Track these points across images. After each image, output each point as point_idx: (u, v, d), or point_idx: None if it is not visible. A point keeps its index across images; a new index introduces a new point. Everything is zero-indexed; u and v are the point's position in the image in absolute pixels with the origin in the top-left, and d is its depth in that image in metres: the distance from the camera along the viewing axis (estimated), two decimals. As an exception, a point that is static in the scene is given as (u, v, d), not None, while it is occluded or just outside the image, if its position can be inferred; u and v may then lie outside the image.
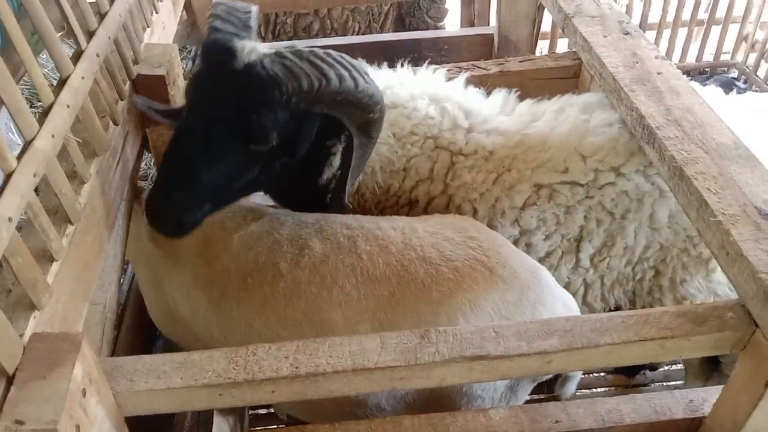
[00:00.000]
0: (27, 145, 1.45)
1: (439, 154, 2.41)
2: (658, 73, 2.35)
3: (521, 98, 2.65)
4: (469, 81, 2.67)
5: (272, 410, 3.23)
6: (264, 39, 4.72)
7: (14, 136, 3.87)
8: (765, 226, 1.68)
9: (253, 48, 1.91)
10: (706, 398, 1.95)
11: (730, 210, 1.74)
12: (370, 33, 4.87)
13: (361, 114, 2.01)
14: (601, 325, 1.65)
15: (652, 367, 3.38)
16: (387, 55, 4.15)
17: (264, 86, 1.84)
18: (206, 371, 1.54)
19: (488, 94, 2.65)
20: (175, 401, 1.55)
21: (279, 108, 1.88)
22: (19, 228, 1.35)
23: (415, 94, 2.49)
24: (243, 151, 1.94)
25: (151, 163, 4.00)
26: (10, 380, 1.29)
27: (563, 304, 2.05)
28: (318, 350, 1.60)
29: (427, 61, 2.75)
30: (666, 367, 3.44)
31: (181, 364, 1.55)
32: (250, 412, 3.24)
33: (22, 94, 1.46)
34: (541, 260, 2.42)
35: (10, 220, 1.29)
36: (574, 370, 1.85)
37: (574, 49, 2.86)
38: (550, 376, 2.21)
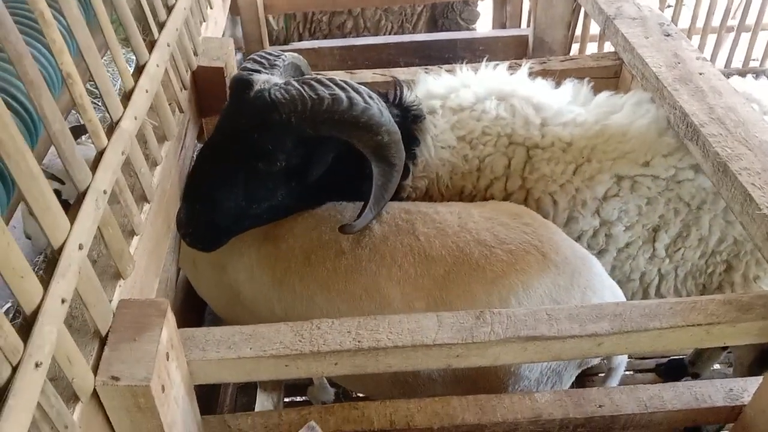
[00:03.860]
0: (115, 125, 1.55)
1: (515, 149, 2.42)
2: (700, 74, 2.41)
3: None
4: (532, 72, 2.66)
5: (307, 398, 3.32)
6: (301, 37, 4.82)
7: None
8: (810, 219, 1.74)
9: (267, 80, 2.10)
10: (745, 388, 2.01)
11: (775, 204, 1.80)
12: (403, 33, 4.95)
13: (368, 136, 2.03)
14: (650, 311, 1.72)
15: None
16: (422, 54, 4.23)
17: (265, 109, 1.99)
18: (274, 342, 1.63)
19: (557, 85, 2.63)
20: (243, 370, 1.64)
21: (281, 130, 2.01)
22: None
23: (481, 95, 2.49)
24: (253, 172, 2.08)
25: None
26: (103, 341, 1.38)
27: (612, 292, 2.11)
28: (378, 326, 1.68)
29: (464, 61, 2.73)
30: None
31: (250, 335, 1.64)
32: (285, 399, 3.33)
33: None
34: (620, 250, 2.45)
35: (105, 192, 1.38)
36: (624, 353, 1.90)
37: (614, 50, 2.92)
38: (595, 362, 2.27)
